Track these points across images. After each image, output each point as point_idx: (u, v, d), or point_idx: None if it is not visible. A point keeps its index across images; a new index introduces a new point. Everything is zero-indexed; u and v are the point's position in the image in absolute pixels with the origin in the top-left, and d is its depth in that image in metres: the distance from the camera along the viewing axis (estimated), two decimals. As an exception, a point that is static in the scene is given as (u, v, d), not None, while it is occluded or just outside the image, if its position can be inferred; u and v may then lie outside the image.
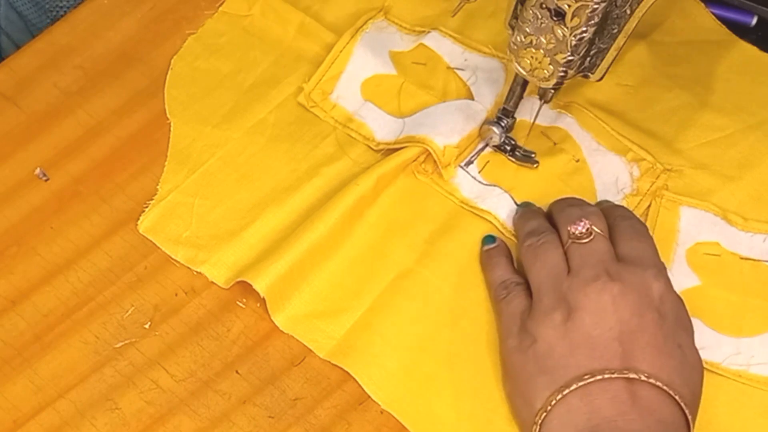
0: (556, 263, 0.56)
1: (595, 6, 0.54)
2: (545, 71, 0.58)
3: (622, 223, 0.58)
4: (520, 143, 0.64)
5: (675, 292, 0.56)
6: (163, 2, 0.72)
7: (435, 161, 0.63)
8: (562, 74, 0.58)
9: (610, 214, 0.59)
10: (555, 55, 0.57)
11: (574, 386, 0.52)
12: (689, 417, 0.52)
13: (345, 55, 0.68)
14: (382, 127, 0.66)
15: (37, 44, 0.70)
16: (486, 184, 0.64)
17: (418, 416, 0.56)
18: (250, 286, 0.59)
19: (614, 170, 0.64)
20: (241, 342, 0.59)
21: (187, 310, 0.60)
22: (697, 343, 0.56)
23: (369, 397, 0.57)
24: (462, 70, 0.68)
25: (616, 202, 0.62)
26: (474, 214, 0.63)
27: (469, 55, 0.68)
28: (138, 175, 0.64)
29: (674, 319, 0.55)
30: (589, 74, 0.59)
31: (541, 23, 0.56)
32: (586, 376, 0.52)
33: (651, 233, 0.60)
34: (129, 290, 0.60)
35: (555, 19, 0.55)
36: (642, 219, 0.62)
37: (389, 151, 0.64)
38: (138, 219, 0.62)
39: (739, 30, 0.70)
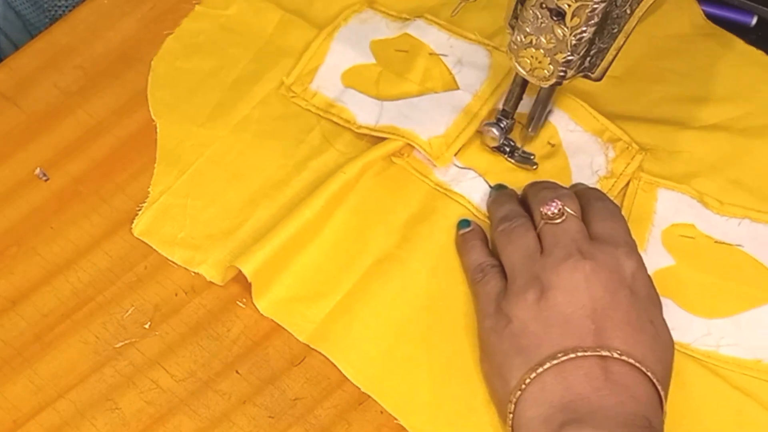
0: (528, 245, 0.57)
1: (595, 6, 0.54)
2: (545, 71, 0.58)
3: (595, 204, 0.59)
4: (518, 144, 0.65)
5: (646, 271, 0.56)
6: (163, 2, 0.72)
7: (413, 147, 0.64)
8: (561, 74, 0.58)
9: (584, 195, 0.59)
10: (555, 55, 0.57)
11: (548, 364, 0.52)
12: (662, 393, 0.53)
13: (323, 48, 0.69)
14: (362, 109, 0.66)
15: (37, 44, 0.70)
16: (461, 167, 0.64)
17: (397, 398, 0.57)
18: (251, 286, 0.59)
19: (590, 152, 0.64)
20: (241, 342, 0.59)
21: (187, 310, 0.60)
22: (668, 324, 0.57)
23: (369, 397, 0.57)
24: (446, 56, 0.68)
25: (591, 185, 0.63)
26: (449, 198, 0.63)
27: (455, 41, 0.69)
28: (138, 175, 0.65)
29: (646, 297, 0.55)
30: (589, 74, 0.60)
31: (541, 23, 0.56)
32: (559, 354, 0.52)
33: (627, 214, 0.61)
34: (129, 290, 0.60)
35: (555, 19, 0.55)
36: (618, 200, 0.62)
37: (374, 139, 0.65)
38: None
39: (739, 30, 0.70)
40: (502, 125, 0.63)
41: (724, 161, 0.65)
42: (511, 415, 0.53)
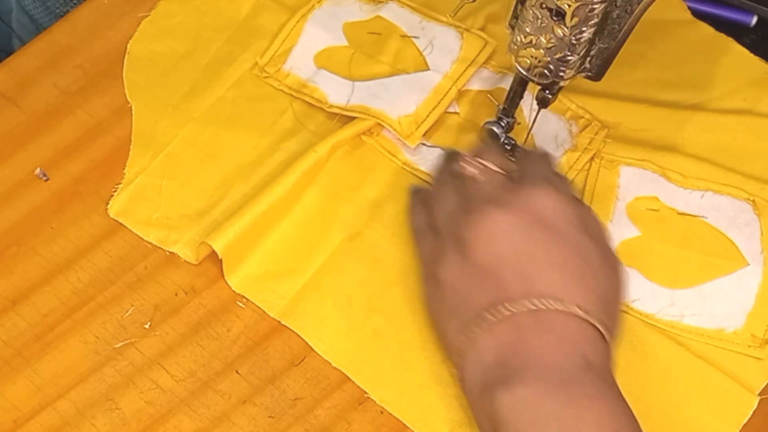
0: (452, 203, 0.57)
1: (595, 6, 0.54)
2: (545, 71, 0.58)
3: (525, 156, 0.60)
4: (519, 143, 0.65)
5: (574, 203, 0.55)
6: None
7: (383, 126, 0.65)
8: (561, 74, 0.58)
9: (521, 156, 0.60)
10: (555, 55, 0.57)
11: (478, 322, 0.52)
12: (600, 327, 0.51)
13: (297, 30, 0.70)
14: (334, 89, 0.67)
15: (37, 44, 0.70)
16: (429, 146, 0.65)
17: (367, 372, 0.57)
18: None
19: (553, 128, 0.65)
20: (241, 342, 0.59)
21: (187, 310, 0.60)
22: (634, 294, 0.58)
23: (369, 397, 0.57)
24: (417, 38, 0.69)
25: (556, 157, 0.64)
26: (417, 177, 0.64)
27: (427, 23, 0.70)
28: (138, 175, 0.64)
29: (570, 231, 0.54)
30: (589, 74, 0.59)
31: (541, 23, 0.56)
32: (487, 312, 0.52)
33: (591, 191, 0.63)
34: (129, 290, 0.60)
35: (555, 19, 0.55)
36: (581, 178, 0.64)
37: (345, 120, 0.65)
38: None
39: (739, 30, 0.70)
40: (502, 124, 0.64)
41: (686, 138, 0.66)
42: (457, 380, 0.53)
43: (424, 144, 0.65)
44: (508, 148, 0.64)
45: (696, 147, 0.65)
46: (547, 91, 0.59)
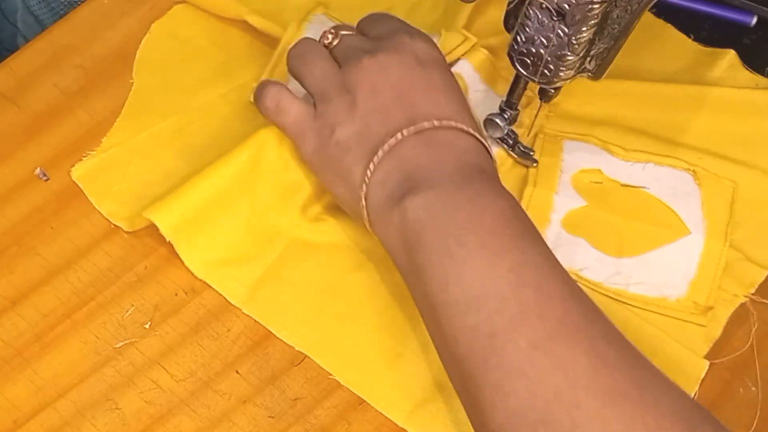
0: (324, 63, 0.60)
1: (595, 6, 0.54)
2: (545, 71, 0.58)
3: (368, 18, 0.63)
4: (520, 139, 0.65)
5: (435, 46, 0.60)
6: (163, 2, 0.72)
7: None
8: (561, 74, 0.58)
9: (361, 21, 0.64)
10: (555, 55, 0.57)
11: (379, 152, 0.56)
12: (486, 143, 0.57)
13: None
14: None
15: (37, 44, 0.70)
16: None
17: (330, 354, 0.58)
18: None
19: (496, 107, 0.65)
20: (241, 342, 0.59)
21: (187, 310, 0.60)
22: (582, 263, 0.61)
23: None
24: None
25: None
26: None
27: None
28: (138, 175, 0.64)
29: (441, 66, 0.59)
30: (589, 74, 0.60)
31: (541, 23, 0.56)
32: (387, 140, 0.56)
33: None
34: (129, 290, 0.60)
35: (555, 19, 0.55)
36: None
37: None
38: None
39: (739, 30, 0.70)
40: (506, 116, 0.64)
41: (626, 111, 0.67)
42: (364, 209, 0.56)
43: None
44: (510, 142, 0.65)
45: (636, 120, 0.67)
46: (549, 85, 0.59)
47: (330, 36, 0.61)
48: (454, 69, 0.66)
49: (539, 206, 0.63)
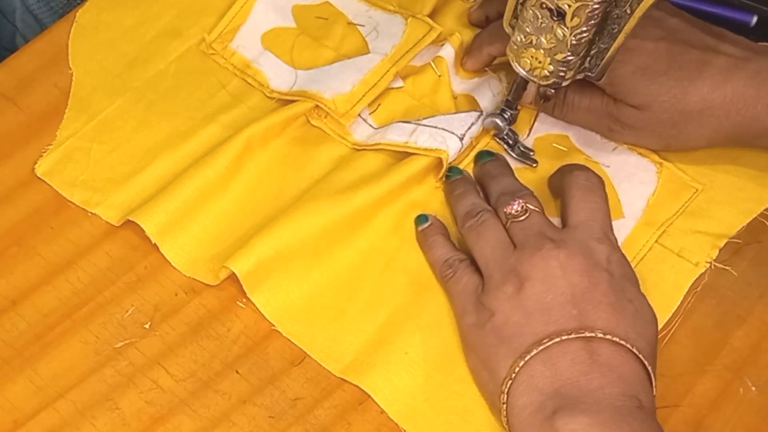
0: (499, 239, 0.58)
1: (595, 6, 0.54)
2: (545, 71, 0.58)
3: (573, 186, 0.60)
4: (521, 139, 0.65)
5: (620, 251, 0.58)
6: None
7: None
8: (561, 74, 0.58)
9: (566, 173, 0.61)
10: (555, 55, 0.57)
11: (534, 351, 0.53)
12: (649, 369, 0.53)
13: (247, 8, 0.70)
14: (277, 75, 0.68)
15: (37, 44, 0.70)
16: (376, 128, 0.66)
17: (321, 342, 0.59)
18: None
19: (482, 91, 0.66)
20: (241, 342, 0.59)
21: (187, 310, 0.60)
22: None
23: (369, 397, 0.57)
24: (362, 25, 0.70)
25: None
26: (367, 151, 0.65)
27: (374, 12, 0.71)
28: (138, 175, 0.64)
29: (622, 276, 0.56)
30: (590, 74, 0.60)
31: (541, 23, 0.56)
32: (544, 340, 0.53)
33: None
34: (129, 290, 0.60)
35: (555, 19, 0.55)
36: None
37: (284, 102, 0.66)
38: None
39: (739, 30, 0.70)
40: (506, 116, 0.64)
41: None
42: (504, 405, 0.53)
43: (371, 126, 0.66)
44: (510, 142, 0.65)
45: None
46: (549, 86, 0.59)
47: (517, 208, 0.58)
48: (438, 53, 0.67)
49: None
